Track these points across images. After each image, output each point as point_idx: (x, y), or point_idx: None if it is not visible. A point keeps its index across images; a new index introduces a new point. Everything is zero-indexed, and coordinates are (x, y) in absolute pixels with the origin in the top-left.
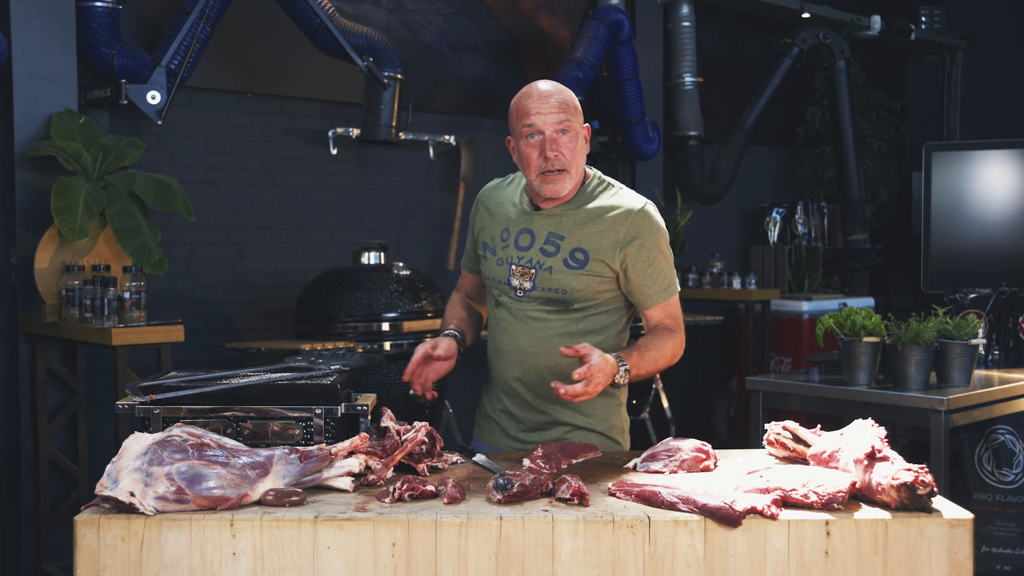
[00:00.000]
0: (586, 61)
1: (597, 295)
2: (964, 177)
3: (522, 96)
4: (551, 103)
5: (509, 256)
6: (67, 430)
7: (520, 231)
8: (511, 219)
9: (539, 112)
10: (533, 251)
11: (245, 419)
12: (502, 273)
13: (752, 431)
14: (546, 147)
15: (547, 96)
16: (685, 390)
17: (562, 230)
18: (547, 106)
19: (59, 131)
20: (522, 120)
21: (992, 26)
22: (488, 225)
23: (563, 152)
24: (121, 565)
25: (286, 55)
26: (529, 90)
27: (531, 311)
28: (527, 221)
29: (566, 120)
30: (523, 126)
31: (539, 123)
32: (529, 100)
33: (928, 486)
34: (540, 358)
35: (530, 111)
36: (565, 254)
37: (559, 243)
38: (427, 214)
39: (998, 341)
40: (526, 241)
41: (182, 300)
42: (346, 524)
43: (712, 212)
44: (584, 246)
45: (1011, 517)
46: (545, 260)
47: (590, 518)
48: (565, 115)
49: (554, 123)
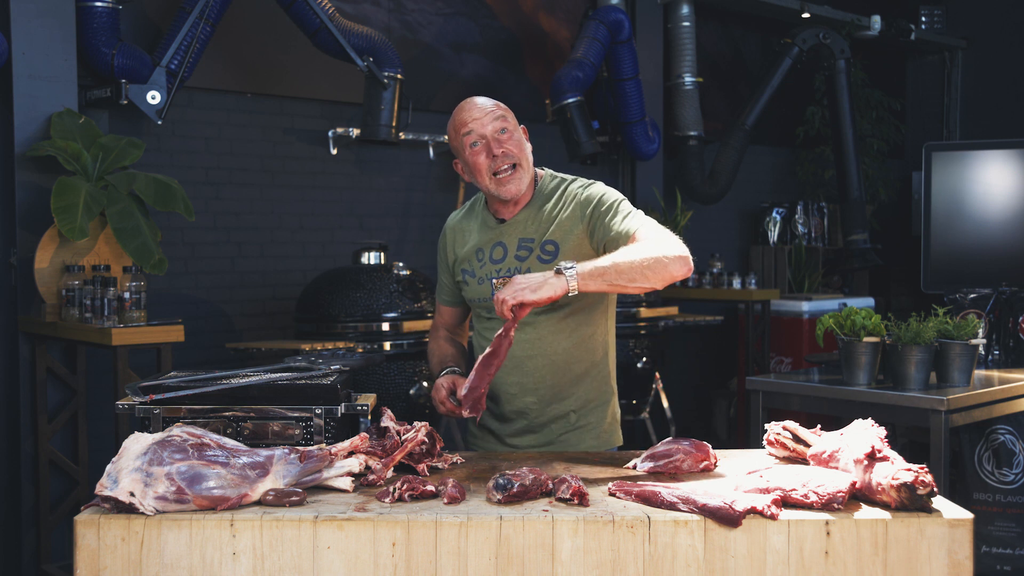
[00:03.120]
0: (586, 61)
1: None
2: (964, 177)
3: (456, 112)
4: (484, 109)
5: (488, 272)
6: (67, 430)
7: (493, 246)
8: (481, 239)
9: (475, 119)
10: (508, 260)
11: (245, 419)
12: (484, 291)
13: (752, 431)
14: (491, 147)
15: (478, 105)
16: (685, 390)
17: (529, 232)
18: (480, 112)
19: (59, 131)
20: (460, 132)
21: (992, 26)
22: (461, 253)
23: (509, 148)
24: (121, 565)
25: (286, 55)
26: (461, 105)
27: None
28: (496, 235)
29: (502, 118)
30: (463, 136)
31: (477, 128)
32: (462, 112)
33: (928, 486)
34: (537, 360)
35: (466, 121)
36: (537, 250)
37: (530, 245)
38: (427, 214)
39: (998, 341)
40: (499, 254)
41: (182, 300)
42: (346, 524)
43: (712, 212)
44: (552, 238)
45: (1011, 517)
46: (522, 264)
47: (590, 518)
48: (500, 115)
49: (492, 126)
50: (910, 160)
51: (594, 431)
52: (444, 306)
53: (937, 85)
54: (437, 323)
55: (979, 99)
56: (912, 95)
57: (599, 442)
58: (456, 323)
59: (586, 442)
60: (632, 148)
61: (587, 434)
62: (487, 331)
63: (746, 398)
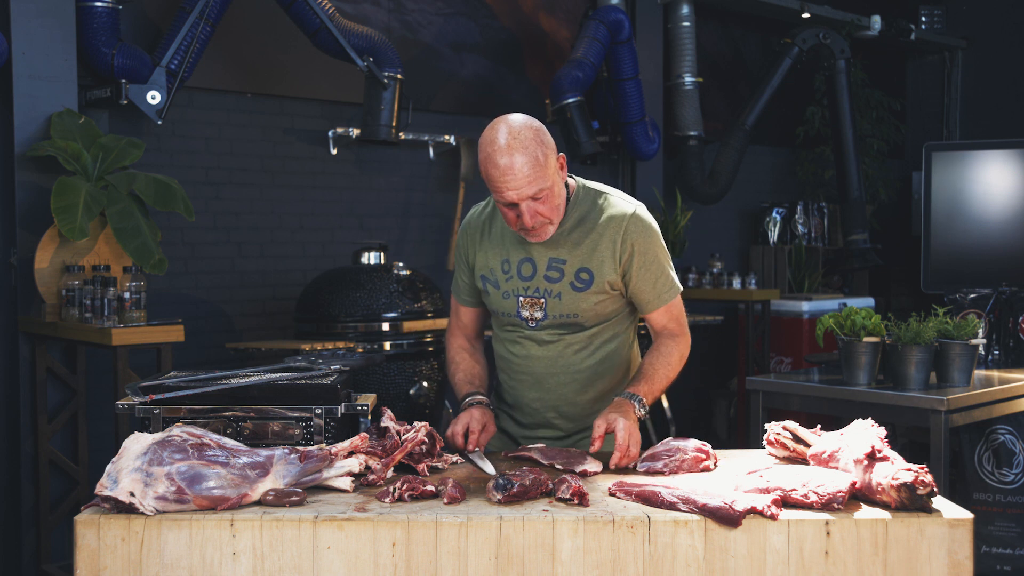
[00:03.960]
0: (586, 61)
1: (606, 310)
2: (964, 177)
3: (489, 164)
4: (518, 176)
5: (515, 288)
6: (67, 430)
7: (521, 261)
8: (508, 248)
9: (508, 188)
10: (537, 279)
11: (245, 419)
12: (510, 306)
13: (752, 431)
14: (524, 216)
15: (511, 169)
16: (685, 390)
17: (561, 254)
18: (516, 180)
19: (59, 131)
20: (492, 185)
21: (992, 26)
22: (484, 255)
23: (541, 214)
24: (121, 565)
25: (286, 55)
26: (494, 158)
27: (544, 336)
28: (525, 250)
29: (538, 188)
30: (495, 193)
31: (512, 198)
32: (497, 170)
33: (928, 486)
34: (559, 376)
35: (500, 188)
36: (571, 276)
37: (562, 268)
38: (427, 214)
39: (998, 341)
40: (528, 271)
41: (182, 300)
42: (346, 524)
43: (712, 212)
44: (587, 265)
45: (1011, 517)
46: (552, 287)
47: (590, 518)
48: (536, 182)
49: (527, 195)
50: (910, 160)
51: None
52: (463, 306)
53: (937, 85)
54: (455, 326)
55: (979, 99)
56: (912, 95)
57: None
58: (476, 327)
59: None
60: (632, 148)
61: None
62: (511, 343)
63: (746, 398)
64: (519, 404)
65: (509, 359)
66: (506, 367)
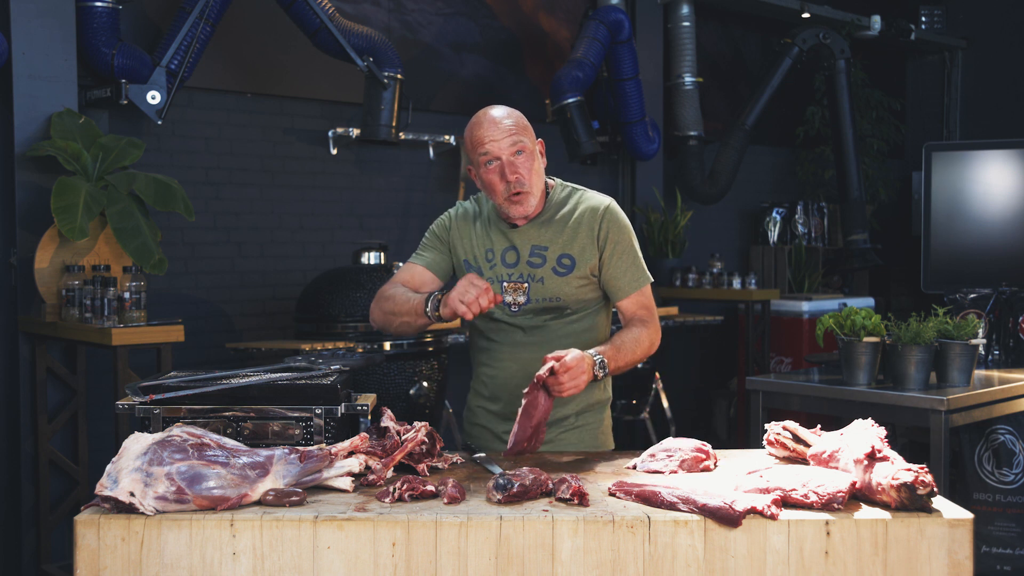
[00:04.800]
0: (586, 61)
1: (587, 296)
2: (964, 177)
3: (474, 125)
4: (502, 128)
5: (499, 275)
6: (67, 430)
7: (505, 249)
8: (492, 239)
9: (492, 139)
10: (521, 265)
11: (245, 419)
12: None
13: (752, 431)
14: (505, 171)
15: (497, 122)
16: (685, 390)
17: (543, 240)
18: (499, 131)
19: (59, 131)
20: (477, 150)
21: (992, 26)
22: (469, 242)
23: (521, 173)
24: (121, 565)
25: (286, 55)
26: (480, 118)
27: (527, 322)
28: (509, 239)
29: (519, 141)
30: (480, 155)
31: (494, 150)
32: (481, 129)
33: (928, 486)
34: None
35: (484, 140)
36: (552, 262)
37: (544, 253)
38: (427, 214)
39: (998, 341)
40: (512, 258)
41: (182, 300)
42: (346, 524)
43: (712, 212)
44: (568, 251)
45: (1011, 517)
46: (535, 272)
47: (590, 518)
48: (517, 136)
49: (508, 147)
50: (910, 160)
51: (592, 431)
52: (421, 267)
53: (937, 85)
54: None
55: (979, 99)
56: (912, 95)
57: (596, 443)
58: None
59: (585, 442)
60: (632, 148)
61: (585, 434)
62: (491, 332)
63: (746, 398)
64: (502, 393)
65: (492, 348)
66: (488, 358)
